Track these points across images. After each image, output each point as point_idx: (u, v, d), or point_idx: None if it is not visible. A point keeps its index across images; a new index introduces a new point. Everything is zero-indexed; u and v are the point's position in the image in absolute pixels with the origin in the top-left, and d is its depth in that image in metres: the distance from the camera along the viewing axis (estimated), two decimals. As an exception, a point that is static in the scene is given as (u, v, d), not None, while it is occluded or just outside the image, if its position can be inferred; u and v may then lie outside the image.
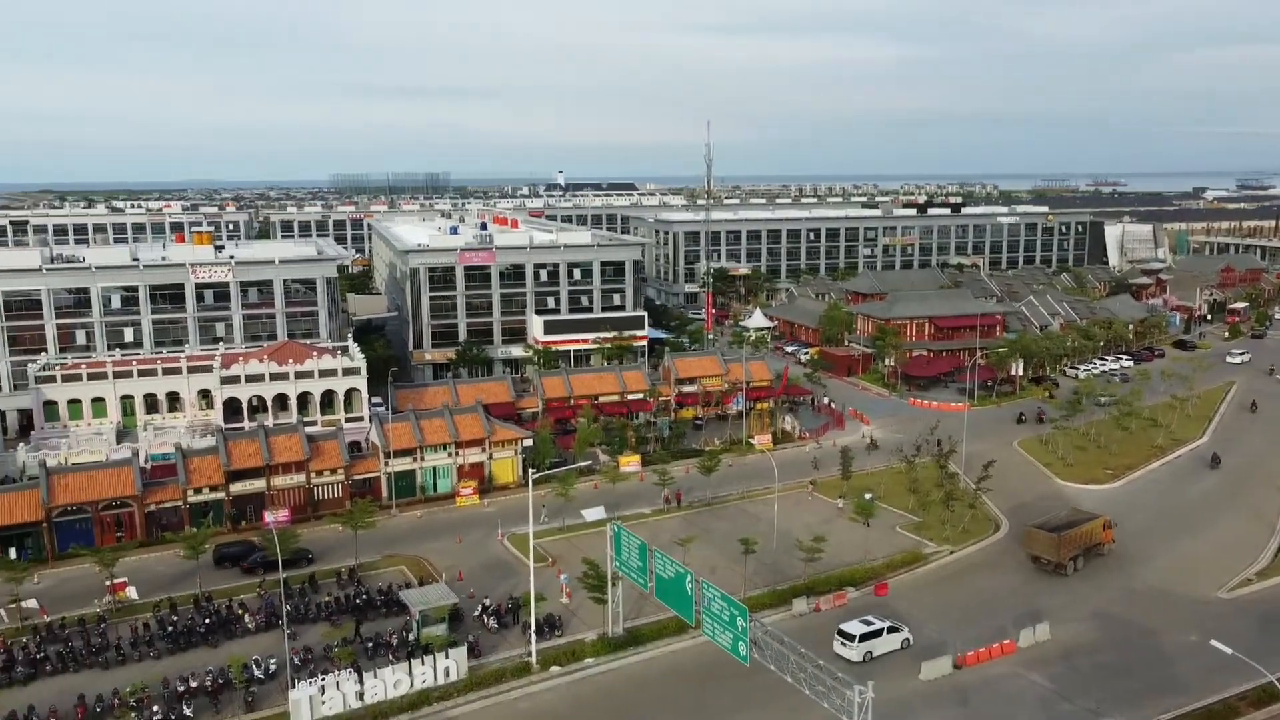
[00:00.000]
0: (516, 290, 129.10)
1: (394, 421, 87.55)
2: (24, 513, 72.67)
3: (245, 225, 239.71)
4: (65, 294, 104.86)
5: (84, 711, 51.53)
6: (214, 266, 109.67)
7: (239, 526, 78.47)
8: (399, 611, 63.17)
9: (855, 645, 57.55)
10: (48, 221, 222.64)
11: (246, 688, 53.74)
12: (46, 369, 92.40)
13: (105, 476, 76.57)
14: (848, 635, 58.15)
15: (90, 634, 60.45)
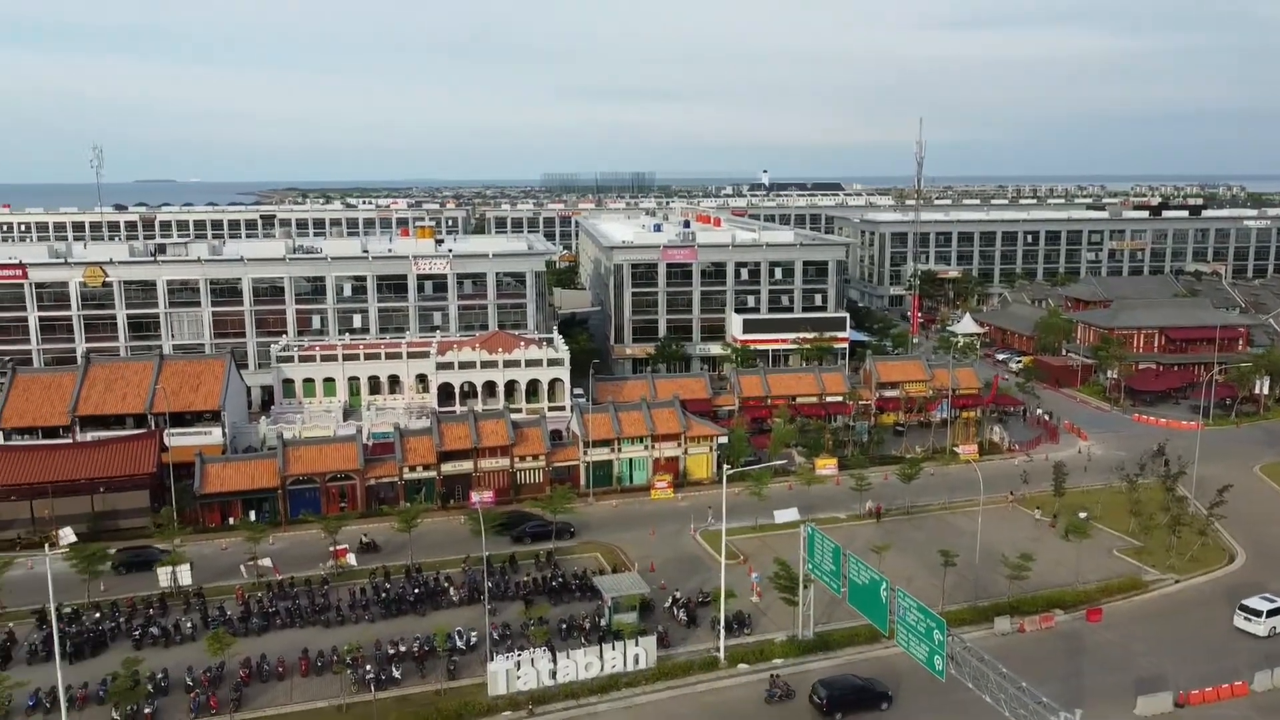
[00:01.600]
0: (717, 288, 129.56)
1: (594, 413, 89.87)
2: (264, 479, 79.82)
3: (463, 221, 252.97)
4: (304, 282, 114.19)
5: (306, 665, 55.94)
6: (434, 259, 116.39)
7: (448, 505, 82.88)
8: (592, 597, 64.80)
9: (1263, 620, 58.96)
10: (292, 216, 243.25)
11: (449, 656, 56.68)
12: (286, 350, 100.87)
13: (332, 451, 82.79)
14: (1253, 611, 59.47)
15: (314, 594, 65.56)
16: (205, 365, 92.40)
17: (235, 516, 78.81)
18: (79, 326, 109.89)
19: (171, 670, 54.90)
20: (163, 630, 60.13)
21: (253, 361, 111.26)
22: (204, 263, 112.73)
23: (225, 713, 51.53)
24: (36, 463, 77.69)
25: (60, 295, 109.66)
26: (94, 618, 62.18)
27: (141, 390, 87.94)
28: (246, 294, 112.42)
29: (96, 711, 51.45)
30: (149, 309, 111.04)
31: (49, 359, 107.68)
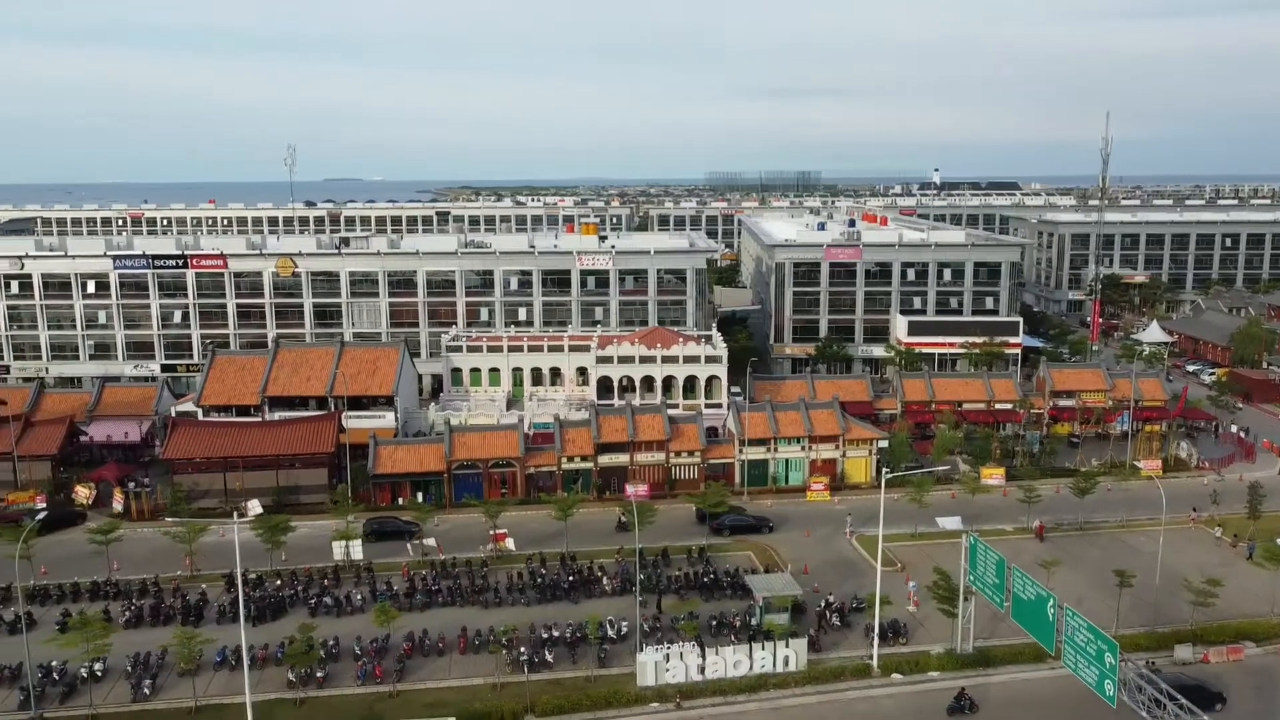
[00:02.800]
0: (882, 289, 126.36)
1: (751, 411, 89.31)
2: (431, 463, 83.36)
3: (626, 219, 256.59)
4: (474, 275, 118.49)
5: (465, 642, 58.06)
6: (597, 255, 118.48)
7: (603, 496, 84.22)
8: (743, 595, 64.44)
9: None
10: (465, 212, 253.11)
11: (600, 644, 57.59)
12: (455, 340, 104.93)
13: (495, 438, 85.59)
14: None
15: (475, 575, 67.97)
16: (381, 352, 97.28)
17: (404, 497, 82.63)
18: (270, 313, 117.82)
19: (342, 638, 58.09)
20: (335, 601, 63.73)
21: (424, 350, 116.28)
22: (383, 256, 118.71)
23: (389, 683, 54.10)
24: (230, 438, 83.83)
25: (255, 284, 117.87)
26: (275, 584, 66.59)
27: (324, 374, 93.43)
28: (420, 286, 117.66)
29: (274, 672, 55.03)
30: (332, 298, 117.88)
31: (244, 343, 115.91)
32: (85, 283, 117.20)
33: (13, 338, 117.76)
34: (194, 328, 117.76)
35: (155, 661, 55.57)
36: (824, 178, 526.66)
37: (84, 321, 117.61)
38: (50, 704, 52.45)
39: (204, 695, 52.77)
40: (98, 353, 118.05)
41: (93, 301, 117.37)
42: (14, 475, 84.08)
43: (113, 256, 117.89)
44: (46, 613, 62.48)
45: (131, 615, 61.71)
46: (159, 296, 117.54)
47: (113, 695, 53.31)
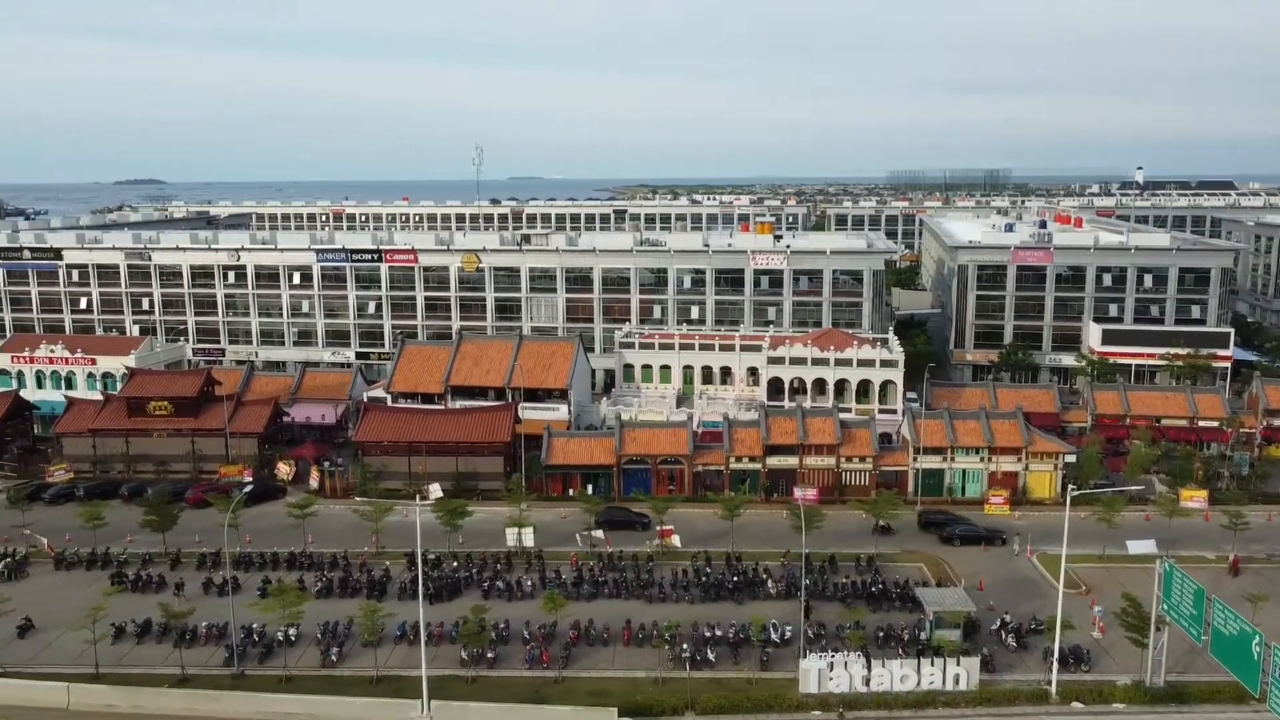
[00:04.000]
0: (1074, 294, 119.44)
1: (927, 418, 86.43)
2: (601, 456, 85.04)
3: (803, 218, 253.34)
4: (648, 273, 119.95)
5: (629, 635, 58.93)
6: (771, 254, 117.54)
7: (771, 498, 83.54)
8: (913, 608, 62.48)
9: None
10: (641, 211, 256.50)
11: (763, 647, 57.19)
12: (628, 337, 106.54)
13: (664, 435, 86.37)
14: None
15: (640, 570, 68.83)
16: (557, 347, 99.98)
17: (574, 488, 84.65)
18: (455, 306, 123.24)
19: (512, 622, 60.12)
20: (507, 585, 66.02)
21: (598, 345, 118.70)
22: (561, 253, 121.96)
23: (554, 668, 55.59)
24: (415, 424, 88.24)
25: (442, 278, 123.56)
26: (452, 566, 69.64)
27: (502, 366, 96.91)
28: (596, 282, 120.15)
29: (448, 649, 57.56)
30: (513, 293, 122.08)
31: (430, 334, 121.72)
32: (291, 274, 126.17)
33: (229, 323, 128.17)
34: (385, 318, 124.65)
35: (342, 630, 59.21)
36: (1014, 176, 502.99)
37: (289, 310, 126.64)
38: (250, 662, 56.78)
39: (384, 666, 55.80)
40: (300, 339, 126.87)
41: (297, 291, 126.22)
42: (226, 450, 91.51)
43: (316, 250, 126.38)
44: (249, 579, 67.65)
45: (323, 586, 65.99)
46: (355, 288, 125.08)
47: (304, 659, 57.17)
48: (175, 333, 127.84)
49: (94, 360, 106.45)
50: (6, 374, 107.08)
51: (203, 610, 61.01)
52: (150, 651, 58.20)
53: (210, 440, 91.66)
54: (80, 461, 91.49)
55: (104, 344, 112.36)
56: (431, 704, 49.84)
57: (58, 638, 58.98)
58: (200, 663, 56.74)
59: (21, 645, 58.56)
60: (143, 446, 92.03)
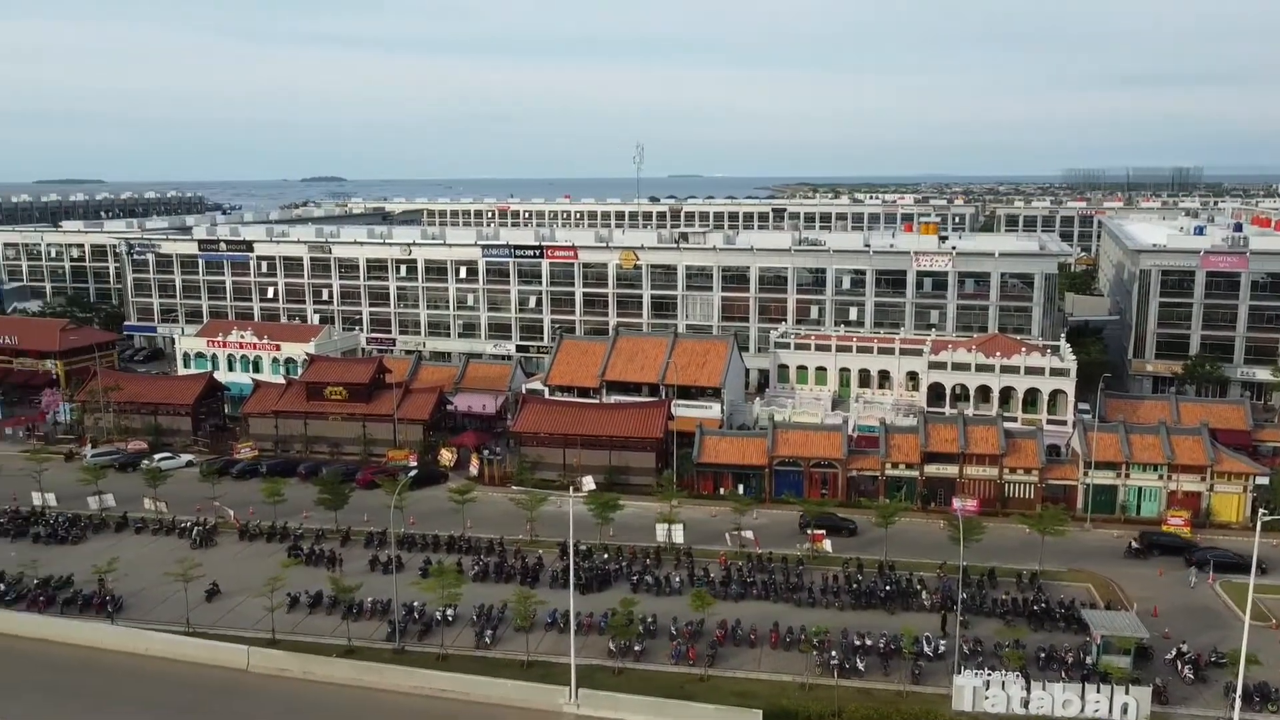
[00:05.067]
0: (1272, 303, 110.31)
1: (1100, 431, 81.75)
2: (753, 456, 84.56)
3: (970, 218, 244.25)
4: (806, 273, 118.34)
5: (776, 638, 58.35)
6: (935, 256, 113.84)
7: (928, 507, 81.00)
8: (1078, 630, 59.29)
9: None
10: (800, 209, 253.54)
11: (915, 660, 55.52)
12: (784, 337, 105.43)
13: (818, 438, 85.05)
14: None
15: (789, 573, 68.06)
16: (711, 345, 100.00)
17: (725, 487, 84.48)
18: (612, 302, 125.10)
19: (660, 617, 60.55)
20: (655, 580, 66.55)
21: (753, 345, 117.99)
22: (718, 251, 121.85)
23: (700, 666, 55.66)
24: (571, 417, 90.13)
25: (600, 274, 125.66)
26: (602, 558, 70.76)
27: (657, 363, 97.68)
28: (753, 281, 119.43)
29: (596, 639, 58.52)
30: (669, 290, 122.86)
31: (587, 329, 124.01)
32: (458, 268, 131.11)
33: (399, 315, 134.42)
34: (545, 313, 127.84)
35: (496, 614, 61.12)
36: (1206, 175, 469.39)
37: (455, 303, 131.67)
38: (410, 638, 59.39)
39: (535, 651, 57.26)
40: (465, 331, 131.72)
41: (463, 285, 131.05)
42: (393, 435, 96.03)
43: (481, 246, 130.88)
44: (412, 559, 70.75)
45: (479, 570, 68.33)
46: (517, 283, 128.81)
47: (460, 639, 59.35)
48: (351, 322, 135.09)
49: (278, 346, 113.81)
50: (203, 357, 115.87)
51: (368, 586, 64.24)
52: (320, 622, 61.74)
53: (380, 425, 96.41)
54: (264, 440, 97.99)
55: (287, 331, 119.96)
56: (579, 692, 50.78)
57: (240, 603, 63.38)
58: (365, 636, 59.76)
59: (208, 608, 63.22)
60: (319, 429, 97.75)
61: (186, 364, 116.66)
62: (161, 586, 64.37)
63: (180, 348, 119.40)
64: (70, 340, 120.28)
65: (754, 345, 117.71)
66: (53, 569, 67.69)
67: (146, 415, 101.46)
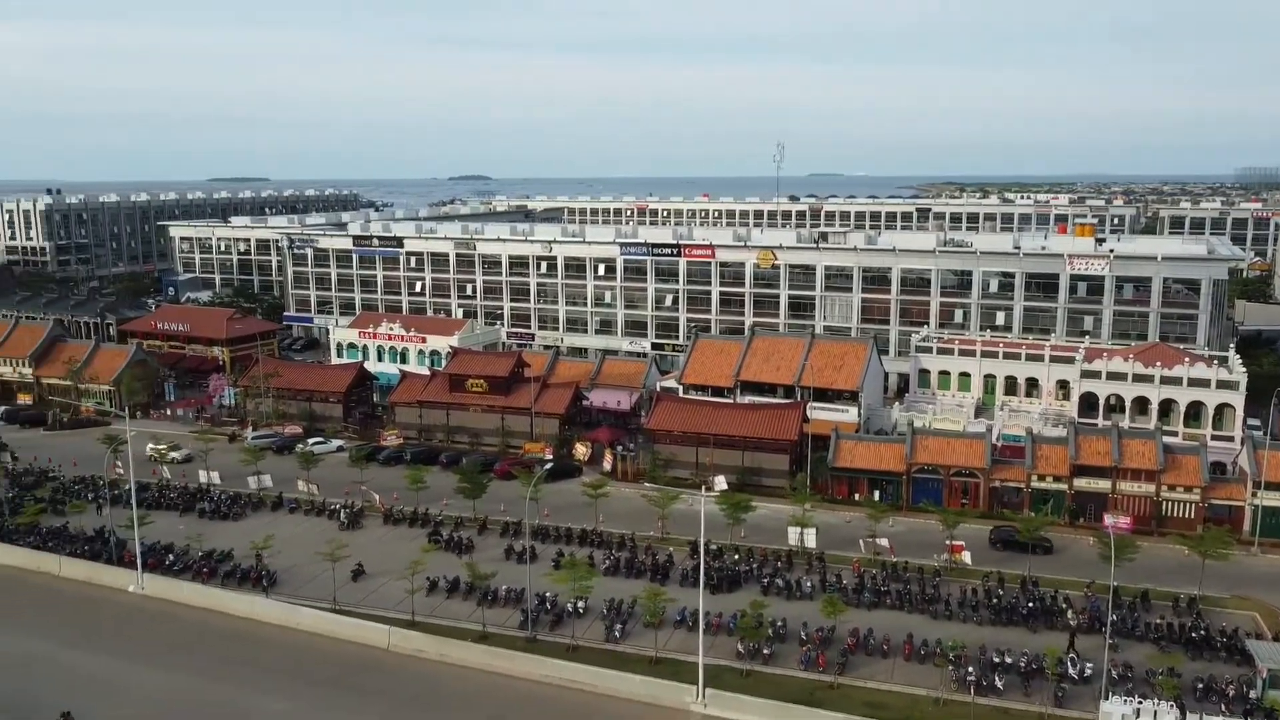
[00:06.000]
0: None
1: (1272, 449, 76.11)
2: (890, 462, 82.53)
3: (1130, 220, 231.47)
4: (950, 275, 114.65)
5: (910, 649, 56.75)
6: (1091, 259, 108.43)
7: (1076, 523, 77.26)
8: (1241, 661, 55.41)
9: None
10: (946, 209, 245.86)
11: (1058, 681, 53.00)
12: (926, 341, 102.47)
13: (959, 446, 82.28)
14: None
15: (926, 584, 66.10)
16: (850, 347, 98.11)
17: (861, 493, 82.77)
18: (749, 302, 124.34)
19: (789, 621, 59.80)
20: (786, 584, 65.78)
21: (893, 348, 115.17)
22: (859, 251, 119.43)
23: (830, 673, 54.68)
24: (704, 416, 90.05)
25: (737, 274, 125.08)
26: (733, 559, 70.42)
27: (793, 364, 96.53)
28: (894, 283, 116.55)
29: (725, 640, 58.28)
30: (807, 291, 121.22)
31: (723, 328, 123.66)
32: (596, 266, 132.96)
33: (539, 310, 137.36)
34: (681, 311, 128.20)
35: (626, 609, 61.65)
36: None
37: (593, 300, 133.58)
38: (542, 628, 60.59)
39: (663, 648, 57.49)
40: (601, 328, 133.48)
41: (601, 283, 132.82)
42: (530, 428, 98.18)
43: (619, 244, 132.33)
44: (545, 550, 72.19)
45: (610, 564, 69.09)
46: (654, 281, 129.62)
47: (590, 632, 60.15)
48: (493, 317, 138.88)
49: (424, 339, 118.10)
50: (354, 347, 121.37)
51: (503, 574, 65.87)
52: (457, 606, 63.69)
53: (517, 418, 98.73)
54: (409, 429, 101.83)
55: (433, 324, 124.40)
56: (707, 692, 50.71)
57: (382, 585, 66.06)
58: (498, 623, 61.30)
59: (353, 587, 66.13)
60: (460, 419, 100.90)
61: (339, 354, 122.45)
62: (311, 565, 67.75)
63: (334, 338, 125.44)
64: (236, 329, 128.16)
65: (894, 348, 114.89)
66: (215, 543, 72.18)
67: (302, 401, 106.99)
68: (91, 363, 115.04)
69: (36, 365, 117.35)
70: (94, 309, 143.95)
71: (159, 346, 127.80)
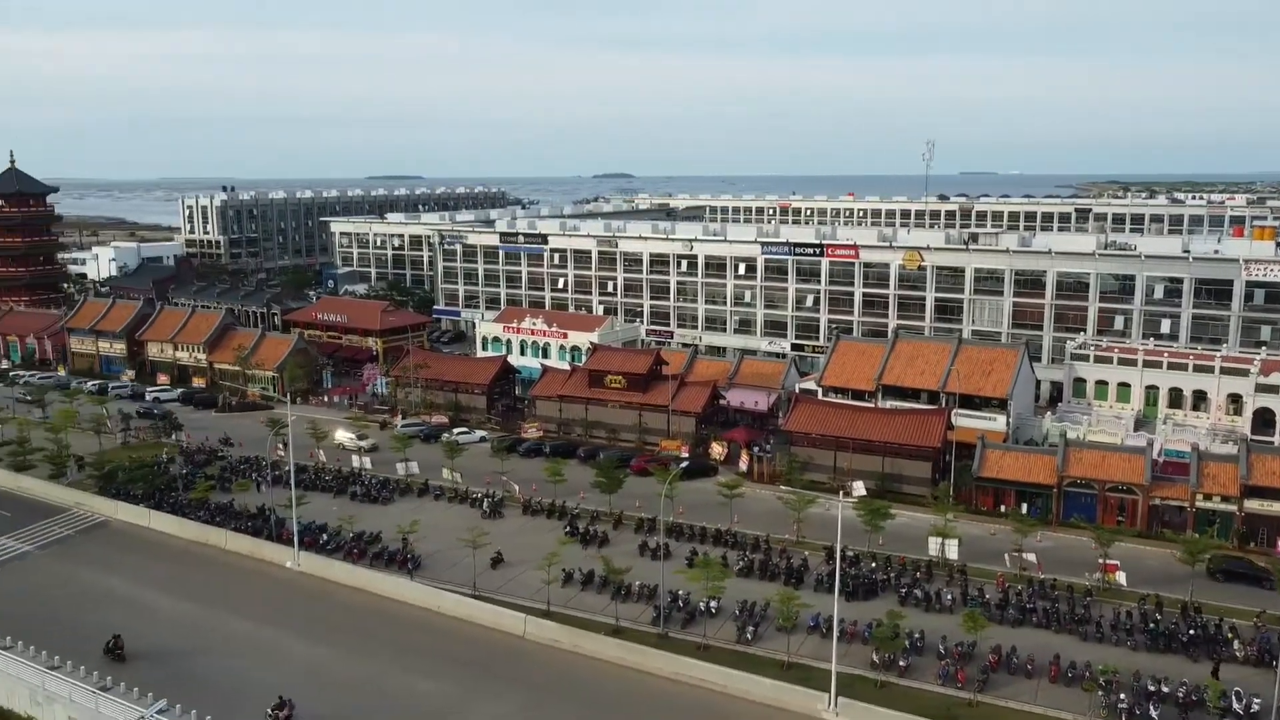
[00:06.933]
0: None
1: None
2: (1040, 474, 79.05)
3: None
4: (1111, 279, 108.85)
5: (1056, 671, 54.23)
6: (1271, 264, 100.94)
7: (1246, 547, 72.13)
8: None
9: None
10: (1108, 210, 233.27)
11: (1221, 716, 49.67)
12: (1082, 348, 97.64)
13: (1116, 460, 78.06)
14: None
15: (1075, 603, 63.00)
16: (999, 353, 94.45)
17: (1007, 505, 79.60)
18: (893, 304, 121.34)
19: (928, 634, 58.10)
20: (925, 595, 63.95)
21: (1046, 355, 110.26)
22: (1011, 253, 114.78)
23: (969, 690, 52.84)
24: (844, 419, 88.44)
25: (882, 275, 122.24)
26: (870, 566, 68.94)
27: (937, 369, 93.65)
28: (1049, 287, 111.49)
29: (859, 649, 57.12)
30: (955, 294, 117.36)
31: (865, 330, 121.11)
32: (737, 265, 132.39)
33: (678, 308, 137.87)
34: (822, 312, 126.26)
35: (759, 612, 61.23)
36: None
37: (733, 299, 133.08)
38: (674, 625, 60.84)
39: (795, 654, 56.81)
40: (740, 327, 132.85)
41: (741, 282, 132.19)
42: (667, 426, 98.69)
43: (761, 243, 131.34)
44: (679, 548, 72.45)
45: (744, 565, 68.72)
46: (795, 281, 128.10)
47: (721, 632, 60.04)
48: (633, 314, 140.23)
49: (565, 334, 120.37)
50: (498, 341, 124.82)
51: (637, 570, 66.44)
52: (591, 599, 64.68)
53: (654, 415, 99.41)
54: (548, 422, 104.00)
55: (574, 320, 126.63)
56: (839, 700, 49.84)
57: (520, 573, 67.74)
58: (631, 617, 61.91)
59: (492, 575, 68.07)
60: (598, 414, 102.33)
61: (484, 347, 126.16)
62: (453, 550, 70.09)
63: (479, 332, 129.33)
64: (389, 321, 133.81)
65: (1047, 356, 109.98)
66: (365, 525, 75.59)
67: (448, 392, 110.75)
68: (258, 350, 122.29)
69: (209, 351, 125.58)
70: (261, 299, 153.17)
71: (318, 336, 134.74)
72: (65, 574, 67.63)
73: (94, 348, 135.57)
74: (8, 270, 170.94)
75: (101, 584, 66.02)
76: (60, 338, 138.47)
